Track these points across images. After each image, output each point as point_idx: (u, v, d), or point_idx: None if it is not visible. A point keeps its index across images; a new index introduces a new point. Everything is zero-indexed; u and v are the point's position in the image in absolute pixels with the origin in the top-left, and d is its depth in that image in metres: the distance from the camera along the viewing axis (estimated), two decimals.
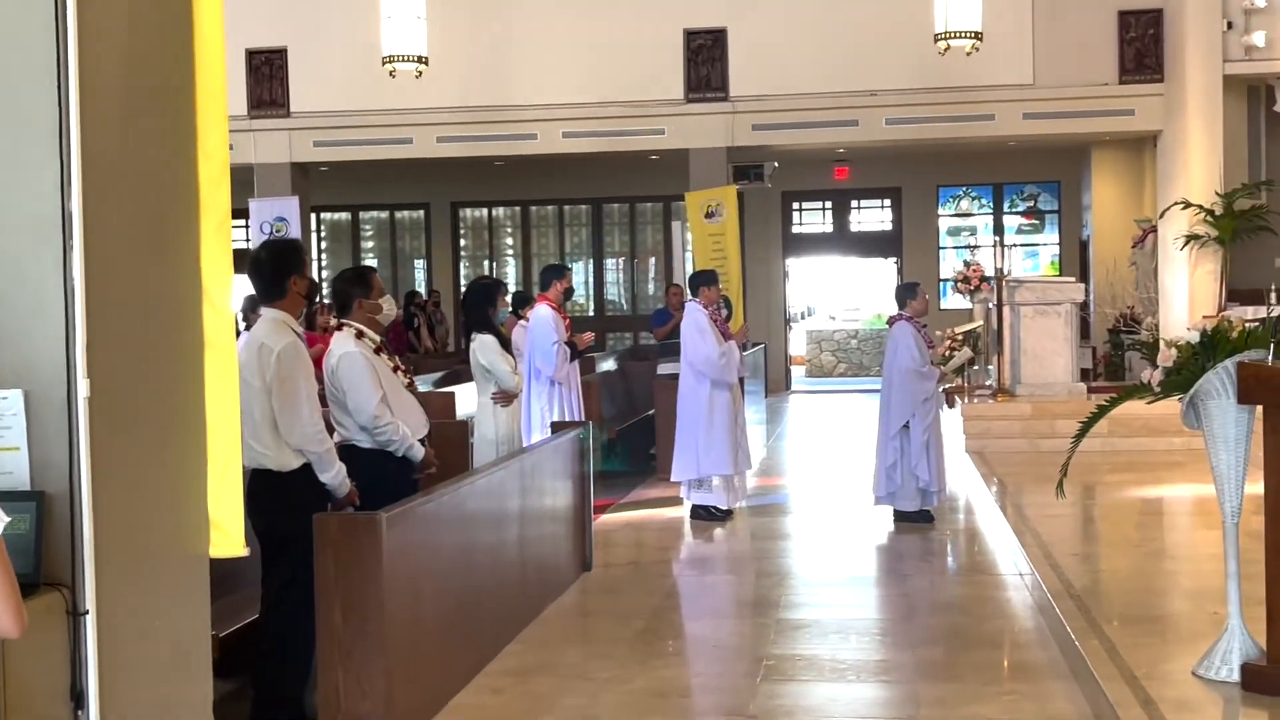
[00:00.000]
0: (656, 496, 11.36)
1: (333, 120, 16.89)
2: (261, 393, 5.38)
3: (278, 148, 16.92)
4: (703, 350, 9.96)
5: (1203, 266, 14.71)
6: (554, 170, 20.99)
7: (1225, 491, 5.21)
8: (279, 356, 5.39)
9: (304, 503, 5.34)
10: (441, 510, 5.81)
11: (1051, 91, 15.74)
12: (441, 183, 21.97)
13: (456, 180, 21.83)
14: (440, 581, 5.74)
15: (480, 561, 6.32)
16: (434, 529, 5.73)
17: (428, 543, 5.63)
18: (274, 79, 16.99)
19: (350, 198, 22.43)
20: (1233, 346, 5.04)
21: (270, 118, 16.93)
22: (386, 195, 22.59)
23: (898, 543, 9.44)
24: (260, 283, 5.59)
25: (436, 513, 5.74)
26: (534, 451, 7.52)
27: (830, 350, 25.74)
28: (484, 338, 7.80)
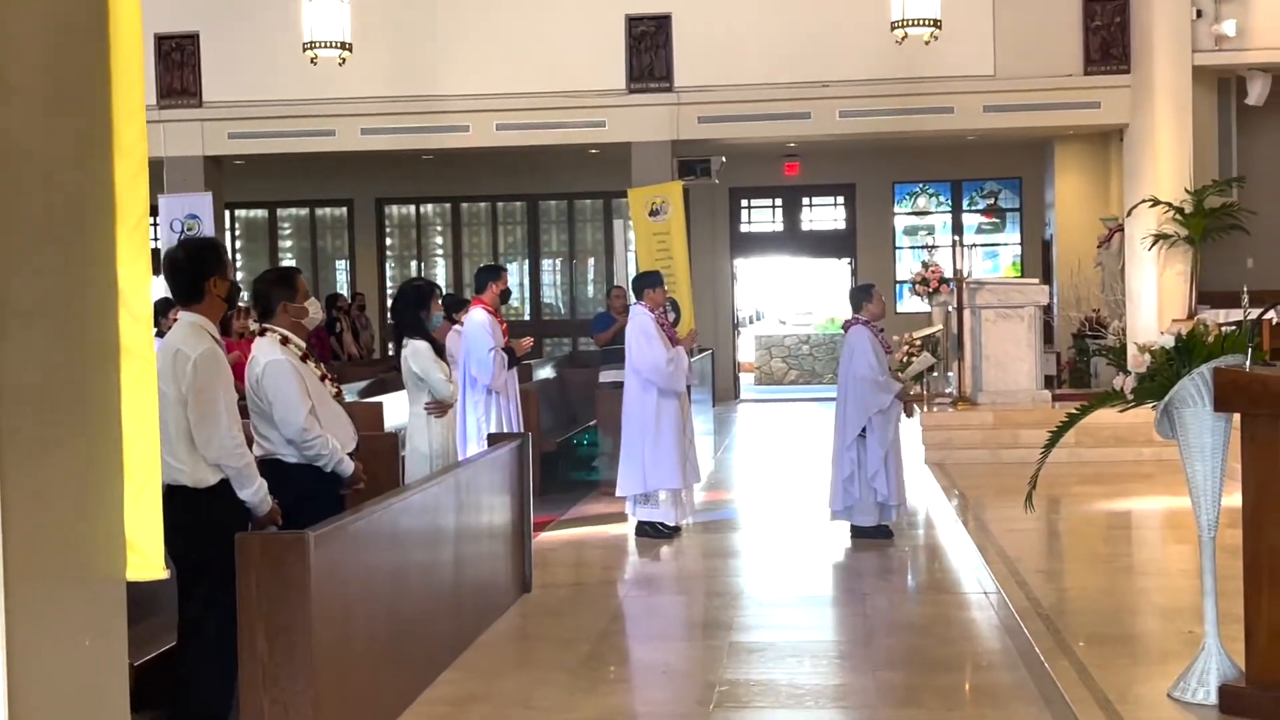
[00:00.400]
0: (600, 513, 11.36)
1: (249, 110, 16.76)
2: (176, 403, 5.33)
3: (189, 140, 16.76)
4: (649, 356, 9.98)
5: (1172, 267, 14.91)
6: (487, 164, 20.94)
7: (1201, 504, 5.28)
8: (196, 364, 5.35)
9: (222, 522, 5.29)
10: (372, 529, 5.78)
11: (1013, 83, 15.89)
12: (366, 178, 21.86)
13: (382, 175, 21.72)
14: (371, 604, 5.71)
15: (414, 583, 6.29)
16: (365, 549, 5.70)
17: (358, 563, 5.60)
18: (185, 66, 16.83)
19: (268, 193, 22.27)
20: (1209, 351, 5.12)
21: (181, 108, 16.77)
22: (307, 191, 22.45)
23: (855, 560, 9.49)
24: (177, 284, 5.54)
25: (367, 531, 5.72)
26: (470, 465, 7.50)
27: (781, 356, 25.85)
28: (417, 344, 7.77)
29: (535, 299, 23.00)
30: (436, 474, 7.17)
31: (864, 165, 22.06)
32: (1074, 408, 5.61)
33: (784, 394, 23.78)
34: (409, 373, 7.83)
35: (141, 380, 3.66)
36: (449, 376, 7.89)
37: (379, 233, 23.07)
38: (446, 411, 7.92)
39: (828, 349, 25.57)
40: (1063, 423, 5.46)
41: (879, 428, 9.84)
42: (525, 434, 8.68)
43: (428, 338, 7.83)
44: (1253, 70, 15.32)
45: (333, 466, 6.06)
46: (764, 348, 26.05)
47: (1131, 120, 15.63)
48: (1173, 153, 14.99)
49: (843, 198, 23.10)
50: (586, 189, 22.16)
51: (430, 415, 7.84)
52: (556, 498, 12.05)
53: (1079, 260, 18.54)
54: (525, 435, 8.58)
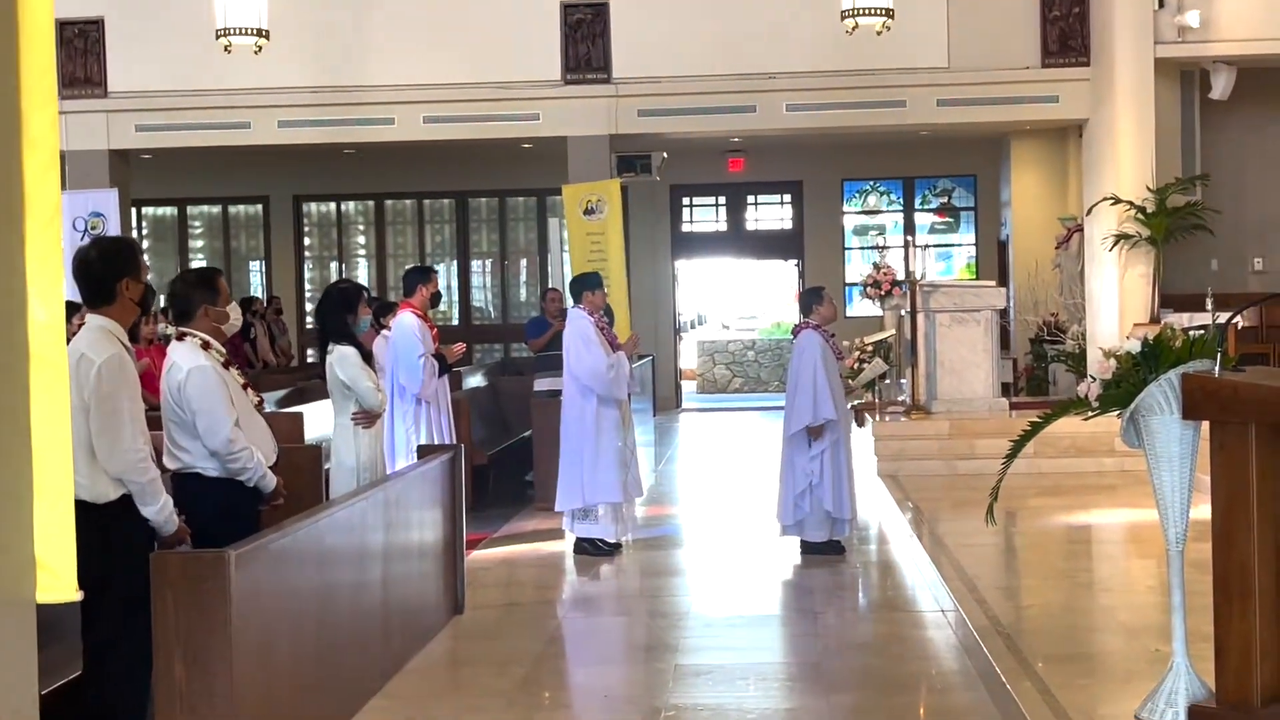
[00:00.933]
0: (535, 529, 11.35)
1: (157, 101, 16.60)
2: (79, 411, 5.27)
3: (94, 133, 16.58)
4: (588, 362, 9.98)
5: (1133, 269, 15.08)
6: (413, 159, 20.86)
7: (1169, 516, 5.35)
8: (100, 370, 5.30)
9: (125, 541, 5.24)
10: (296, 547, 5.74)
11: (968, 76, 16.03)
12: (283, 173, 21.73)
13: (300, 170, 21.60)
14: (296, 627, 5.68)
15: (340, 605, 6.26)
16: (288, 568, 5.66)
17: (281, 584, 5.56)
18: (89, 54, 16.65)
19: (177, 190, 22.08)
20: (1176, 356, 5.19)
21: (85, 98, 16.59)
22: (219, 187, 22.28)
23: (806, 577, 9.54)
24: (86, 285, 5.49)
25: (291, 550, 5.68)
26: (399, 480, 7.48)
27: (724, 363, 25.94)
28: (343, 350, 7.73)
29: (465, 302, 22.94)
30: (364, 489, 7.14)
31: (812, 161, 22.18)
32: (1035, 416, 5.66)
33: (728, 403, 23.86)
34: (334, 381, 7.78)
35: (52, 389, 3.62)
36: (378, 385, 7.85)
37: (297, 232, 22.93)
38: (375, 422, 7.89)
39: (774, 355, 25.68)
40: (1026, 431, 5.52)
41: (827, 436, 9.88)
42: (457, 446, 8.67)
43: (355, 343, 7.79)
44: (1217, 63, 15.54)
45: (255, 481, 6.03)
46: (707, 354, 26.12)
47: (1091, 115, 15.80)
48: (1134, 149, 15.17)
49: (789, 196, 23.22)
50: (519, 186, 22.13)
51: (357, 426, 7.80)
52: (489, 513, 12.03)
53: (1036, 262, 18.73)
54: (457, 448, 8.56)
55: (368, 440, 7.86)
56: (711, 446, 17.93)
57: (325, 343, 7.89)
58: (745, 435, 18.80)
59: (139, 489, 5.35)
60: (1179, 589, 5.42)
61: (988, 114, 16.39)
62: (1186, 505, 5.37)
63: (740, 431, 19.40)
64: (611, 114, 16.34)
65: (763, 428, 18.85)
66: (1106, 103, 15.38)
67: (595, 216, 15.25)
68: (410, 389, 9.97)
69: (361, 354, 7.80)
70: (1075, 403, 5.56)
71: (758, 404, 22.80)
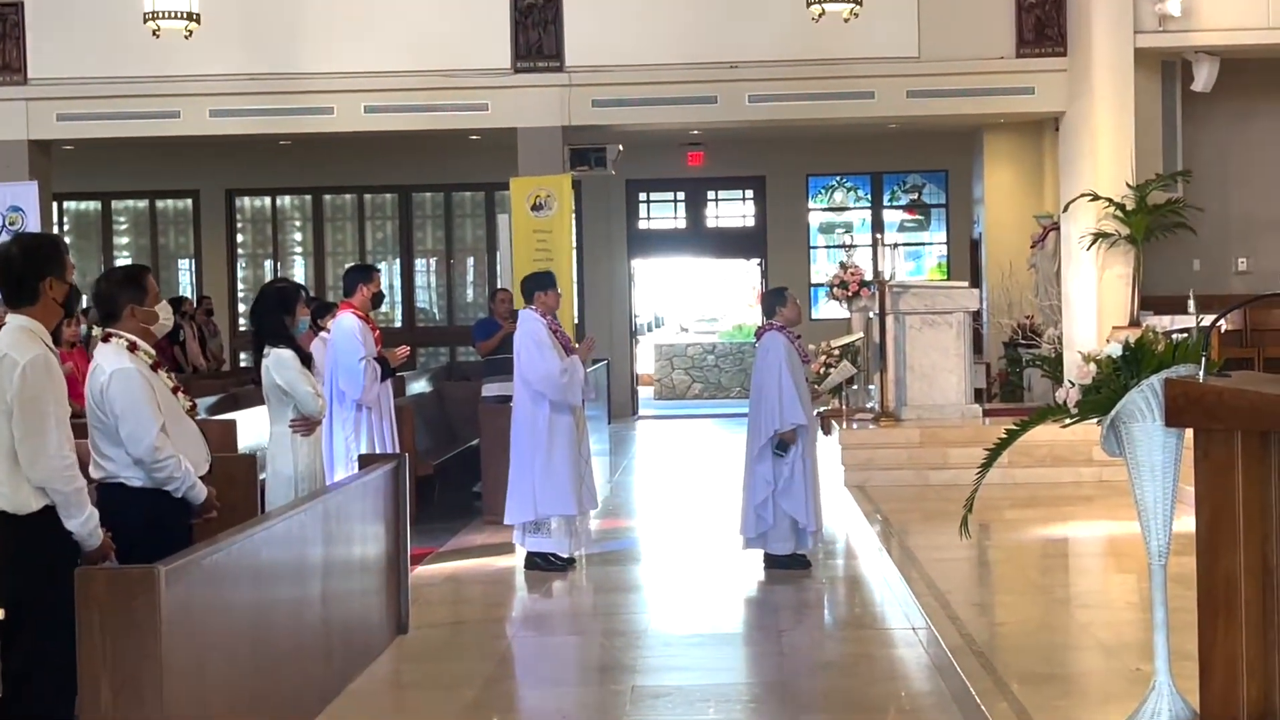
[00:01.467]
0: (484, 543, 11.34)
1: (81, 89, 16.49)
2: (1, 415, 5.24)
3: (12, 122, 16.44)
4: (541, 366, 9.98)
5: (1112, 269, 15.19)
6: (353, 151, 20.77)
7: (1151, 528, 5.39)
8: (24, 371, 5.26)
9: (47, 555, 5.21)
10: (231, 562, 5.71)
11: (939, 66, 16.10)
12: (215, 165, 21.61)
13: (233, 162, 21.49)
14: (230, 648, 5.64)
15: (277, 624, 6.23)
16: (222, 585, 5.63)
17: (215, 602, 5.53)
18: (8, 38, 16.52)
19: (102, 183, 21.93)
20: (1159, 361, 5.23)
21: (3, 85, 16.46)
22: (147, 180, 22.14)
23: (769, 593, 9.56)
24: (7, 284, 5.46)
25: (225, 565, 5.64)
26: (339, 491, 7.45)
27: (683, 368, 25.97)
28: (281, 353, 7.70)
29: (408, 303, 22.89)
30: (302, 500, 7.11)
31: (775, 156, 22.23)
32: (1010, 423, 5.70)
33: (687, 409, 23.89)
34: (271, 385, 7.75)
35: None
36: (317, 390, 7.82)
37: (229, 228, 22.83)
38: (313, 430, 7.86)
39: (735, 359, 25.73)
40: (1002, 439, 5.55)
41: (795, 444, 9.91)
42: (400, 455, 8.64)
43: (292, 346, 7.76)
44: (1200, 53, 15.66)
45: (184, 492, 5.99)
46: (665, 358, 26.15)
47: (1068, 107, 15.90)
48: (1113, 143, 15.28)
49: (752, 191, 23.27)
50: (466, 180, 22.09)
51: (295, 434, 7.77)
52: (435, 527, 12.00)
53: (1010, 262, 18.82)
54: (400, 457, 8.53)
55: (306, 449, 7.82)
56: (670, 456, 17.94)
57: (260, 345, 7.84)
58: (705, 444, 18.82)
59: (63, 499, 5.31)
60: (1161, 605, 5.46)
61: (960, 106, 16.46)
62: (1169, 517, 5.41)
63: (700, 440, 19.42)
64: (564, 104, 16.33)
65: (724, 436, 18.88)
66: (1084, 95, 15.48)
67: (543, 213, 15.23)
68: (351, 394, 9.94)
69: (300, 357, 7.77)
70: (1053, 409, 5.60)
71: (719, 411, 22.83)
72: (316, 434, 7.96)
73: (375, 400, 10.06)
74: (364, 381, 9.90)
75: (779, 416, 9.84)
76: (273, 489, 7.83)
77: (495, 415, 12.18)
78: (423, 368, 20.10)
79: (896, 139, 21.10)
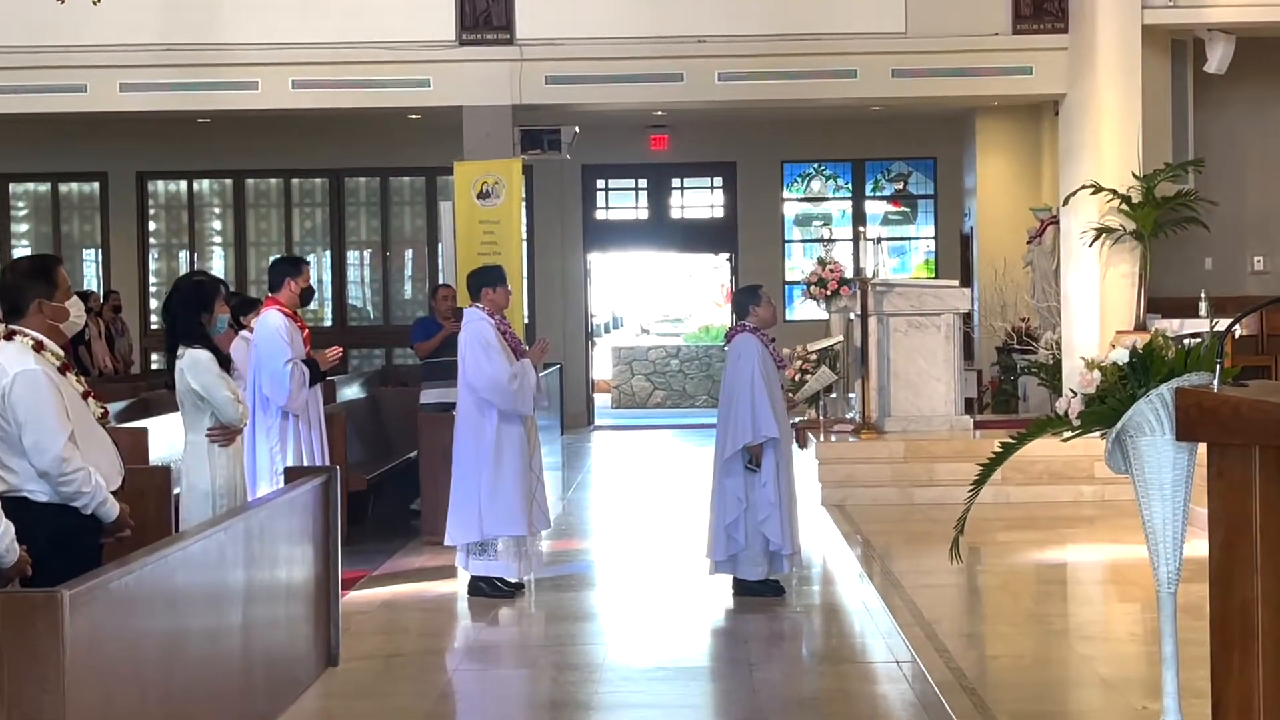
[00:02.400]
0: (422, 566, 11.32)
1: None
2: None
3: None
4: (488, 371, 9.96)
5: (1116, 267, 15.26)
6: (279, 131, 20.72)
7: (1160, 552, 5.42)
8: None
9: None
10: (142, 586, 5.68)
11: (928, 43, 16.15)
12: (125, 145, 21.52)
13: (146, 142, 21.40)
14: (141, 681, 5.62)
15: (193, 654, 6.21)
16: (132, 611, 5.60)
17: (124, 629, 5.50)
18: None
19: None
20: (1170, 368, 5.25)
21: None
22: (48, 161, 22.03)
23: (739, 623, 9.56)
24: None
25: (136, 590, 5.62)
26: (263, 508, 7.42)
27: (644, 373, 25.98)
28: (196, 354, 7.66)
29: (340, 299, 22.83)
30: (221, 518, 7.08)
31: (747, 140, 22.27)
32: (1008, 435, 5.73)
33: (648, 419, 23.90)
34: (186, 390, 7.71)
35: None
36: (237, 396, 7.79)
37: (140, 214, 22.72)
38: (234, 439, 7.83)
39: (702, 364, 25.77)
40: (997, 453, 5.57)
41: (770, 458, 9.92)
42: (331, 468, 8.62)
43: (211, 346, 7.73)
44: (1213, 31, 15.76)
45: (94, 508, 5.96)
46: (624, 362, 26.16)
47: (1069, 90, 15.97)
48: (1118, 130, 15.35)
49: (721, 179, 23.31)
50: (405, 164, 22.06)
51: (213, 444, 7.74)
52: (368, 548, 11.97)
53: (1005, 259, 18.92)
54: (330, 470, 8.51)
55: (225, 461, 7.79)
56: (629, 471, 17.94)
57: (174, 346, 7.80)
58: (668, 457, 18.83)
59: None
60: (1170, 637, 5.49)
61: (950, 87, 16.52)
62: (1180, 540, 5.44)
63: (663, 453, 19.43)
64: (514, 81, 16.31)
65: (689, 449, 18.89)
66: (1087, 76, 15.56)
67: (490, 201, 15.21)
68: (275, 400, 9.89)
69: (218, 359, 7.74)
70: (1053, 421, 5.63)
71: (683, 421, 22.85)
72: (237, 444, 7.93)
73: (303, 407, 10.01)
74: (290, 386, 9.85)
75: (751, 428, 9.84)
76: (188, 505, 7.79)
77: (436, 425, 12.14)
78: (355, 371, 20.05)
79: (880, 123, 21.16)
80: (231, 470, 7.87)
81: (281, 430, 9.93)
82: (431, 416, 12.64)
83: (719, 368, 23.47)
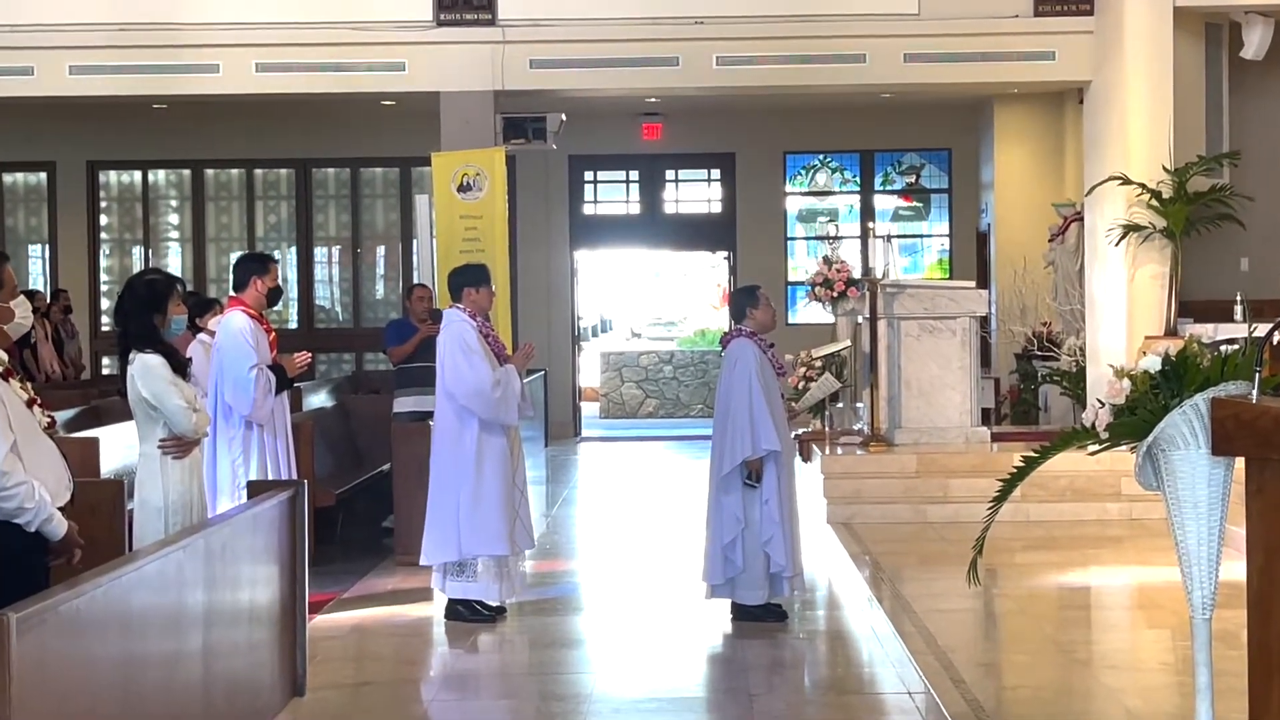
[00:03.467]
0: (396, 588, 11.30)
1: None
2: None
3: None
4: (469, 377, 9.95)
5: (1145, 268, 15.27)
6: (242, 118, 20.72)
7: (1194, 574, 5.42)
8: None
9: None
10: (94, 610, 5.67)
11: (942, 25, 16.16)
12: (75, 133, 21.52)
13: (97, 130, 21.41)
14: (93, 712, 5.61)
15: (149, 683, 6.20)
16: (84, 636, 5.59)
17: (75, 656, 5.49)
18: None
19: None
20: (1204, 377, 5.25)
21: None
22: None
23: (738, 650, 9.56)
24: None
25: (87, 613, 5.61)
26: (224, 524, 7.40)
27: (635, 380, 25.99)
28: (148, 359, 7.65)
29: (306, 300, 22.81)
30: (179, 536, 7.06)
31: (747, 129, 22.27)
32: (1030, 449, 5.72)
33: (639, 430, 23.90)
34: (138, 398, 7.70)
35: None
36: (191, 403, 7.78)
37: (91, 208, 22.71)
38: (191, 451, 7.82)
39: (697, 371, 25.77)
40: (1018, 467, 5.57)
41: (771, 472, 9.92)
42: (298, 482, 8.61)
43: (164, 350, 7.71)
44: (1250, 14, 15.76)
45: (39, 525, 5.96)
46: (613, 368, 26.16)
47: (1094, 76, 15.98)
48: (1147, 119, 15.36)
49: (719, 172, 23.32)
50: (378, 154, 22.05)
51: (168, 456, 7.73)
52: (338, 568, 11.97)
53: (1025, 258, 18.91)
54: (297, 484, 8.50)
55: (179, 474, 7.78)
56: (618, 485, 17.93)
57: (127, 349, 7.80)
58: (661, 471, 18.82)
59: None
60: (1205, 667, 5.48)
61: (967, 73, 16.52)
62: (1215, 562, 5.43)
63: (655, 467, 19.42)
64: (496, 64, 16.31)
65: (683, 462, 18.89)
66: (1114, 61, 15.57)
67: (472, 195, 15.21)
68: (239, 409, 9.88)
69: (171, 364, 7.72)
70: (1079, 433, 5.62)
71: (676, 432, 22.86)
72: (195, 457, 7.91)
73: (268, 417, 10.00)
74: (254, 394, 9.84)
75: (750, 441, 9.84)
76: (142, 522, 7.78)
77: (411, 436, 12.13)
78: (324, 378, 20.04)
79: (891, 111, 21.17)
80: (188, 484, 7.85)
81: (245, 441, 9.92)
82: (406, 426, 12.62)
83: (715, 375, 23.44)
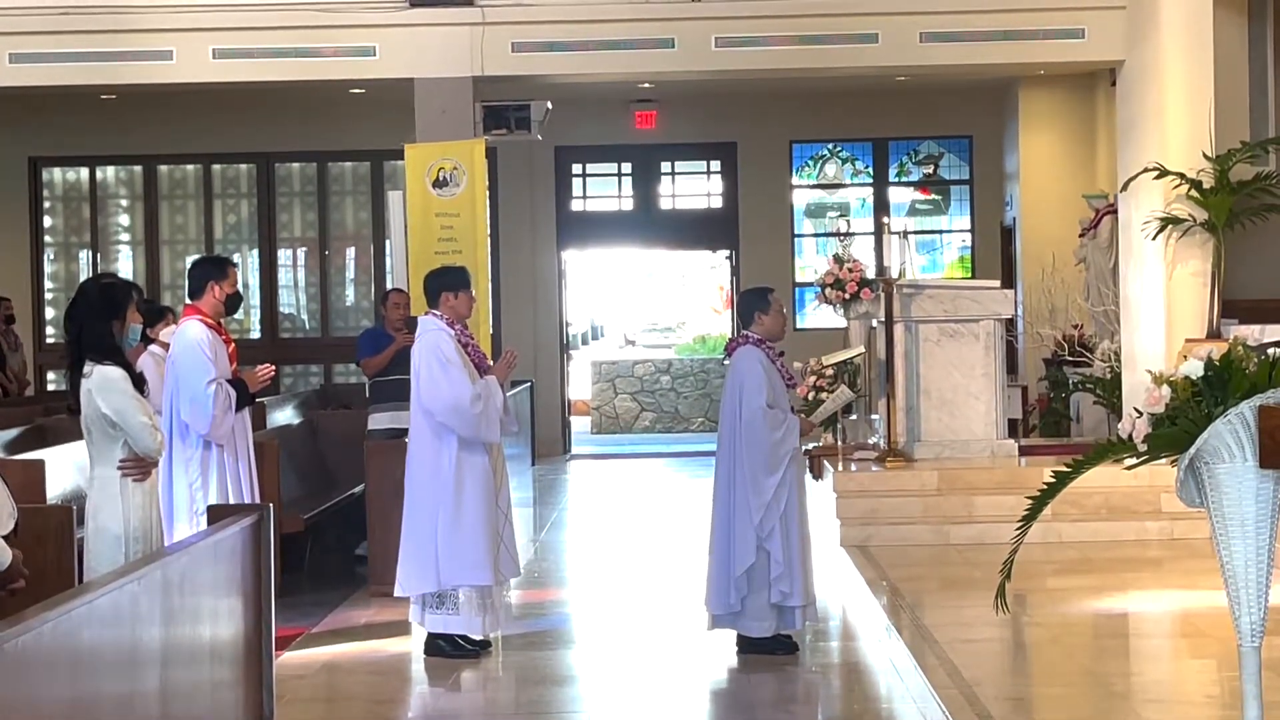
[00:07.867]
0: (370, 621, 11.32)
1: None
2: None
3: None
4: (446, 391, 9.96)
5: (1185, 265, 15.26)
6: (198, 109, 20.72)
7: (1241, 598, 5.43)
8: None
9: None
10: (41, 646, 5.68)
11: (962, 1, 16.18)
12: (15, 126, 21.51)
13: (39, 123, 21.40)
14: None
15: None
16: (29, 676, 5.61)
17: (20, 697, 5.51)
18: None
19: None
20: (1251, 384, 5.27)
21: None
22: None
23: (744, 685, 9.58)
24: None
25: (34, 650, 5.62)
26: (183, 553, 7.41)
27: (629, 392, 26.00)
28: (107, 371, 7.66)
29: (270, 307, 22.80)
30: (134, 566, 7.07)
31: (750, 117, 22.30)
32: (1061, 463, 5.74)
33: (634, 446, 23.90)
34: (95, 414, 7.71)
35: None
36: (154, 421, 7.79)
37: (33, 208, 22.71)
38: (150, 473, 7.83)
39: (697, 381, 25.79)
40: (1051, 483, 5.58)
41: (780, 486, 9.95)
42: (262, 507, 8.61)
43: (123, 362, 7.73)
44: None
45: None
46: (605, 379, 26.17)
47: (1128, 56, 16.00)
48: (1186, 103, 15.36)
49: (719, 163, 23.33)
50: (347, 146, 22.06)
51: (125, 478, 7.74)
52: (306, 600, 11.98)
53: (1053, 255, 18.94)
54: (262, 509, 8.50)
55: (140, 498, 7.79)
56: (612, 507, 17.93)
57: (79, 361, 7.80)
58: (659, 491, 18.81)
59: None
60: (1254, 699, 5.50)
61: (989, 53, 16.53)
62: (1265, 585, 5.45)
63: (652, 486, 19.42)
64: (475, 48, 16.32)
65: (683, 481, 18.89)
66: (1149, 39, 15.59)
67: (448, 190, 15.23)
68: (196, 428, 9.89)
69: (132, 377, 7.73)
70: (1114, 445, 5.64)
71: (676, 448, 22.86)
72: (153, 479, 7.92)
73: (228, 435, 10.01)
74: (213, 411, 9.84)
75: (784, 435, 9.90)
76: (95, 550, 7.79)
77: (386, 455, 12.13)
78: (290, 392, 20.04)
79: (906, 96, 21.20)
80: (148, 509, 7.87)
81: (203, 462, 9.92)
82: (381, 445, 12.62)
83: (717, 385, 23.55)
